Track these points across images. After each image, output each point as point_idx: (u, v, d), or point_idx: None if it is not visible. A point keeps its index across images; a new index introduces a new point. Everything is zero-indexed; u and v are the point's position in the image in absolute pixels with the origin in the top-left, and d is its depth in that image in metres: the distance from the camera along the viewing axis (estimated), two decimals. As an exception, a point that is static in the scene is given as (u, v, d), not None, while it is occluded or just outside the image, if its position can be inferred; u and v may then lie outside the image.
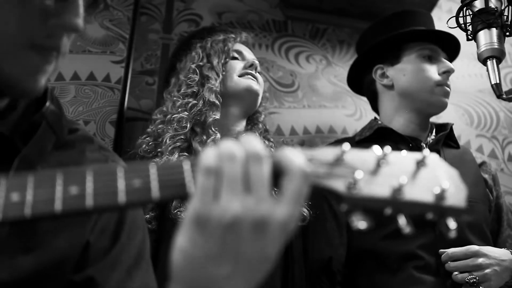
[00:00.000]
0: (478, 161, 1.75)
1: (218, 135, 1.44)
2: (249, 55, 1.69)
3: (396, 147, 1.57)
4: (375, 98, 1.87)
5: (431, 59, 1.72)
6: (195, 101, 1.51)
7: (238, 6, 2.30)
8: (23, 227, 0.69)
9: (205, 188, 0.52)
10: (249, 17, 2.29)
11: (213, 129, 1.46)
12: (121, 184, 0.54)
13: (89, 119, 1.91)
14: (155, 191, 0.54)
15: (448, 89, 1.69)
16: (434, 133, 1.75)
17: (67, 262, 0.74)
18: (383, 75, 1.80)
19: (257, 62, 1.65)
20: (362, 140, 1.72)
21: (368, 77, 1.86)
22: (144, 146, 1.49)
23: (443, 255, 1.42)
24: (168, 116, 1.51)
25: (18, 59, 0.64)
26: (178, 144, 1.42)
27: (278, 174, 0.54)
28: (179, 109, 1.51)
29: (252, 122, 1.66)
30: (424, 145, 1.67)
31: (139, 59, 2.07)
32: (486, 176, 1.70)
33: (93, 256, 0.76)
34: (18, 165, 0.68)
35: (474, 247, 1.42)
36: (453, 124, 1.78)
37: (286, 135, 2.15)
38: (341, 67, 2.35)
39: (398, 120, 1.73)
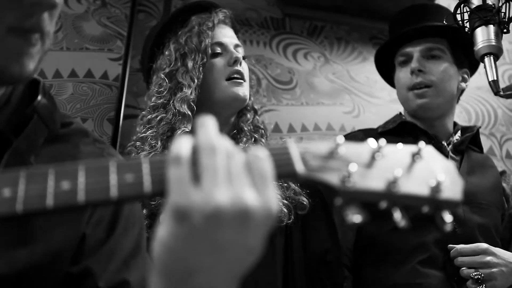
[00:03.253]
0: (499, 169, 1.76)
1: None
2: (229, 42, 1.51)
3: (416, 143, 1.56)
4: None
5: (406, 63, 1.71)
6: (163, 114, 1.41)
7: (236, 4, 2.29)
8: (17, 221, 0.69)
9: (179, 177, 0.51)
10: (247, 15, 2.29)
11: None
12: (113, 179, 0.53)
13: (86, 117, 1.91)
14: (147, 186, 0.53)
15: (419, 91, 1.65)
16: (459, 134, 1.73)
17: (63, 255, 0.74)
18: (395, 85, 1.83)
19: (239, 54, 1.48)
20: (384, 132, 1.72)
21: None
22: (133, 154, 1.42)
23: (452, 251, 1.43)
24: (142, 131, 1.43)
25: None
26: None
27: None
28: (147, 126, 1.42)
29: (237, 124, 1.52)
30: (446, 144, 1.67)
31: (137, 57, 2.06)
32: (504, 185, 1.71)
33: (89, 248, 0.76)
34: (8, 159, 0.68)
35: (483, 245, 1.42)
36: (479, 127, 1.78)
37: (284, 132, 2.15)
38: (339, 64, 2.35)
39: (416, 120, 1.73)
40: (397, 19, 1.83)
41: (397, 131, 1.70)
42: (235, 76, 1.45)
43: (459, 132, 1.74)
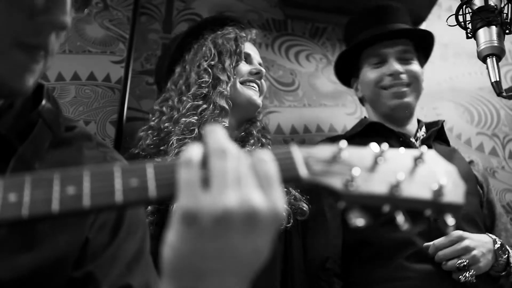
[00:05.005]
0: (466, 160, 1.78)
1: None
2: (256, 57, 1.63)
3: (387, 142, 1.56)
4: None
5: (381, 64, 1.74)
6: (205, 105, 1.45)
7: (238, 6, 2.29)
8: (22, 226, 0.69)
9: (189, 180, 0.51)
10: (249, 16, 2.29)
11: None
12: (118, 183, 0.54)
13: (89, 119, 1.91)
14: (152, 190, 0.53)
15: (399, 91, 1.69)
16: (424, 130, 1.77)
17: (67, 260, 0.74)
18: (357, 88, 1.88)
19: (263, 70, 1.59)
20: (352, 136, 1.75)
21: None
22: (148, 140, 1.45)
23: (429, 249, 1.42)
24: (176, 116, 1.46)
25: (4, 57, 0.62)
26: (184, 147, 1.33)
27: None
28: (189, 112, 1.44)
29: (248, 128, 1.57)
30: (414, 140, 1.70)
31: (139, 59, 2.07)
32: (476, 173, 1.73)
33: (92, 252, 0.76)
34: (14, 164, 0.68)
35: (457, 232, 1.42)
36: (444, 121, 1.81)
37: (286, 134, 2.14)
38: (341, 66, 2.34)
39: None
40: (358, 20, 1.86)
41: (364, 133, 1.72)
42: (252, 81, 1.55)
43: (424, 127, 1.78)
